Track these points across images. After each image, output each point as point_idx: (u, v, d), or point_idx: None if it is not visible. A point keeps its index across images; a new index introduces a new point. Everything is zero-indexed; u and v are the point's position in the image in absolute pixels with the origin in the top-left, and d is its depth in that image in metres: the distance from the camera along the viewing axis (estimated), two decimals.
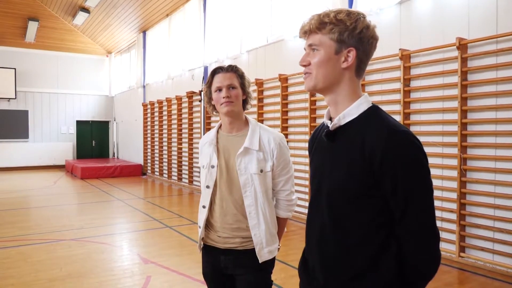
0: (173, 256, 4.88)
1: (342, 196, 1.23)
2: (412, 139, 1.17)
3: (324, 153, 1.34)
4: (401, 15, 5.11)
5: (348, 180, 1.21)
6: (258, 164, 1.96)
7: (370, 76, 5.52)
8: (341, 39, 1.22)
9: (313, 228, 1.35)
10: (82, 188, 10.95)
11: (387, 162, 1.15)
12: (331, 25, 1.22)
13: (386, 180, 1.16)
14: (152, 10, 11.68)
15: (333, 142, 1.28)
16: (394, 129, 1.18)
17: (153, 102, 12.79)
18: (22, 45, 15.32)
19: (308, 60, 1.27)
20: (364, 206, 1.21)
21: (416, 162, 1.17)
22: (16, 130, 15.44)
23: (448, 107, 4.59)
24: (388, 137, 1.16)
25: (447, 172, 4.63)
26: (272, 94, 7.38)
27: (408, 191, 1.15)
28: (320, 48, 1.25)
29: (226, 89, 1.97)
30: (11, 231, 6.09)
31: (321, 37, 1.24)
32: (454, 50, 4.48)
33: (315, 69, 1.26)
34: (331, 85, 1.27)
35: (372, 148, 1.16)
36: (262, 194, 1.97)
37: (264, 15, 7.78)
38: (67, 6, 13.88)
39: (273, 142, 2.00)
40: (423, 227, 1.17)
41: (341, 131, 1.27)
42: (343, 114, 1.26)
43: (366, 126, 1.21)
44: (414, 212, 1.16)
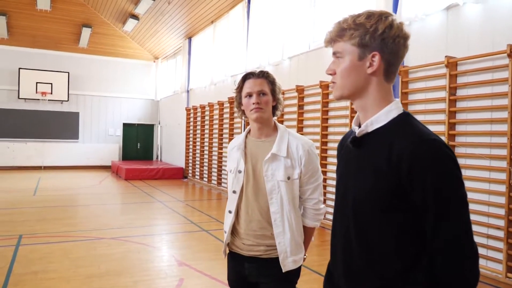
0: (207, 260, 4.90)
1: (368, 207, 1.17)
2: (443, 148, 1.09)
3: (349, 161, 1.28)
4: (448, 21, 4.91)
5: (374, 190, 1.15)
6: (285, 171, 1.93)
7: (414, 84, 5.33)
8: (362, 43, 1.17)
9: (338, 239, 1.30)
10: (125, 189, 11.29)
11: (416, 172, 1.07)
12: (351, 31, 1.18)
13: (415, 192, 1.08)
14: (198, 17, 11.93)
15: (359, 149, 1.23)
16: (424, 137, 1.10)
17: (196, 107, 13.03)
18: (76, 50, 16.10)
19: (333, 69, 1.24)
20: (392, 219, 1.13)
21: (447, 172, 1.08)
22: (67, 131, 16.20)
23: (497, 117, 4.34)
24: (417, 145, 1.09)
25: (495, 186, 4.38)
26: (313, 101, 7.30)
27: (439, 204, 1.07)
28: (343, 56, 1.21)
29: (256, 95, 1.96)
30: (56, 227, 6.37)
31: (343, 44, 1.21)
32: (504, 57, 4.24)
33: (339, 77, 1.22)
34: (358, 93, 1.22)
35: (399, 156, 1.10)
36: (288, 201, 1.92)
37: (306, 22, 7.73)
38: (118, 13, 14.46)
39: (302, 149, 1.95)
40: (456, 244, 1.07)
41: (368, 138, 1.21)
42: (370, 121, 1.20)
43: (394, 134, 1.15)
44: (447, 227, 1.07)
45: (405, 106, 5.37)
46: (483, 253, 4.43)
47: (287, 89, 7.95)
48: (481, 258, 4.42)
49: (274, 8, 8.55)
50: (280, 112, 2.09)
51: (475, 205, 4.54)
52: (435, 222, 1.08)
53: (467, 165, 4.65)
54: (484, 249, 4.42)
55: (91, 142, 16.64)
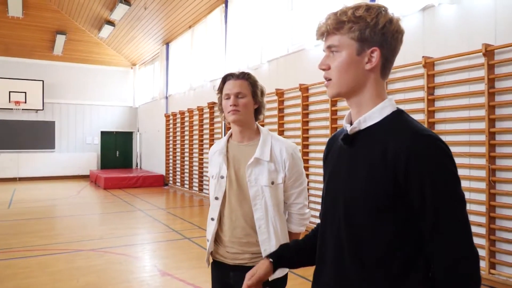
0: (191, 268, 4.80)
1: (362, 207, 1.10)
2: (440, 143, 1.05)
3: (341, 159, 1.21)
4: (424, 22, 4.96)
5: (368, 189, 1.08)
6: (269, 176, 1.86)
7: (393, 84, 5.36)
8: (362, 37, 1.10)
9: (327, 244, 1.22)
10: (104, 198, 11.05)
11: (413, 168, 1.02)
12: (350, 24, 1.11)
13: (412, 189, 1.03)
14: (175, 22, 11.82)
15: (351, 147, 1.17)
16: (420, 132, 1.05)
17: (175, 113, 12.89)
18: (50, 58, 15.75)
19: (328, 64, 1.15)
20: (387, 219, 1.07)
21: (446, 169, 1.03)
22: (43, 141, 15.80)
23: (475, 115, 4.39)
24: (414, 140, 1.04)
25: (475, 184, 4.42)
26: (292, 104, 7.28)
27: (438, 202, 1.02)
28: (340, 50, 1.13)
29: (234, 97, 1.89)
30: (33, 240, 6.15)
31: (340, 37, 1.12)
32: (480, 56, 4.30)
33: (336, 73, 1.14)
34: (355, 90, 1.15)
35: (395, 153, 1.04)
36: (273, 207, 1.86)
37: (284, 25, 7.73)
38: (93, 20, 14.21)
39: (286, 153, 1.89)
40: (456, 244, 1.01)
41: (360, 135, 1.15)
42: (363, 118, 1.14)
43: (389, 131, 1.10)
44: (447, 227, 1.01)
45: None
46: None
47: (267, 93, 7.88)
48: None
49: (252, 12, 8.53)
50: (263, 116, 2.02)
51: None
52: (435, 222, 1.02)
53: None
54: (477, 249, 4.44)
55: (68, 152, 16.27)
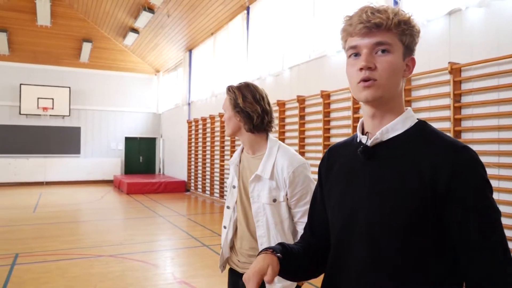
0: (207, 277, 4.73)
1: (390, 228, 1.00)
2: (477, 156, 0.98)
3: (356, 174, 1.10)
4: (450, 27, 4.79)
5: (399, 208, 0.98)
6: (270, 194, 1.77)
7: (417, 91, 5.19)
8: (409, 44, 1.05)
9: (345, 268, 1.09)
10: (126, 203, 11.15)
11: (457, 184, 0.94)
12: (406, 26, 1.03)
13: (454, 207, 0.94)
14: (198, 29, 11.89)
15: (371, 160, 1.06)
16: (458, 144, 0.98)
17: (197, 120, 12.93)
18: (77, 65, 16.10)
19: (374, 63, 1.03)
20: (419, 241, 0.98)
21: (488, 185, 0.97)
22: (69, 146, 16.13)
23: (505, 124, 4.19)
24: (454, 154, 0.96)
25: (504, 196, 4.21)
26: (314, 111, 7.17)
27: (484, 222, 0.93)
28: (393, 51, 1.03)
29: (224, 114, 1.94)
30: (54, 244, 6.22)
31: (394, 37, 1.03)
32: (510, 62, 4.10)
33: (386, 75, 1.02)
34: (393, 96, 1.07)
35: (433, 166, 0.96)
36: (275, 225, 1.77)
37: (306, 31, 7.64)
38: (118, 27, 14.47)
39: (286, 170, 1.76)
40: (505, 267, 0.93)
41: (382, 148, 1.05)
42: (386, 128, 1.05)
43: (418, 143, 1.01)
44: (492, 248, 0.93)
45: None
46: None
47: (288, 100, 7.84)
48: None
49: (274, 18, 8.48)
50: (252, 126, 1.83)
51: None
52: (481, 243, 0.93)
53: None
54: None
55: (93, 157, 16.55)
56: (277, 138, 1.92)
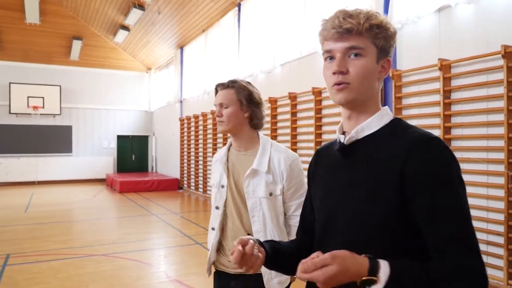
0: (200, 275, 4.74)
1: (366, 222, 1.02)
2: (449, 148, 0.99)
3: (336, 173, 1.13)
4: (440, 23, 4.81)
5: (374, 201, 1.01)
6: (267, 187, 1.81)
7: (407, 88, 5.22)
8: (383, 46, 1.06)
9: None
10: (119, 202, 11.11)
11: (424, 175, 0.96)
12: (379, 29, 1.05)
13: (422, 198, 0.96)
14: (189, 26, 11.84)
15: (348, 158, 1.09)
16: (429, 136, 1.00)
17: (190, 117, 12.91)
18: (67, 63, 15.96)
19: (347, 67, 1.05)
20: (392, 232, 1.00)
21: (457, 175, 0.98)
22: (60, 145, 16.02)
23: (493, 120, 4.23)
24: (423, 145, 0.98)
25: (493, 191, 4.25)
26: (305, 108, 7.19)
27: (449, 211, 0.95)
28: (365, 54, 1.05)
29: (218, 108, 1.88)
30: (46, 244, 6.19)
31: (366, 40, 1.05)
32: (499, 58, 4.14)
33: (358, 79, 1.05)
34: (367, 98, 1.09)
35: (403, 160, 0.98)
36: (271, 219, 1.80)
37: (297, 28, 7.64)
38: (108, 25, 14.36)
39: (283, 163, 1.83)
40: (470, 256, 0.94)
41: (358, 145, 1.08)
42: (361, 127, 1.08)
43: (393, 139, 1.04)
44: (458, 237, 0.94)
45: (399, 111, 5.26)
46: (484, 260, 4.29)
47: (280, 97, 7.84)
48: None
49: (265, 15, 8.46)
50: (259, 121, 1.92)
51: (474, 211, 4.41)
52: (447, 233, 0.95)
53: (464, 170, 4.52)
54: (484, 255, 4.29)
55: (85, 155, 16.45)
56: (268, 135, 1.93)
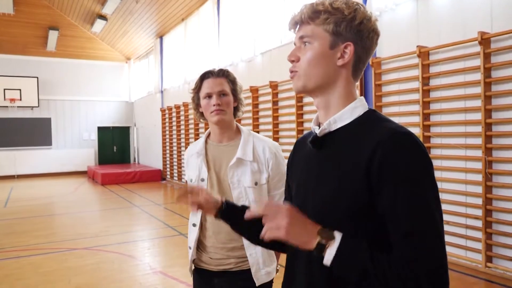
0: (184, 266, 4.73)
1: (331, 216, 1.00)
2: (419, 142, 0.96)
3: (309, 165, 1.12)
4: (418, 10, 4.84)
5: (339, 196, 0.99)
6: (253, 176, 1.79)
7: (387, 75, 5.26)
8: (337, 31, 1.03)
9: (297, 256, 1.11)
10: (101, 195, 10.99)
11: (388, 169, 0.92)
12: (326, 14, 1.03)
13: (386, 193, 0.93)
14: (168, 15, 11.66)
15: (321, 150, 1.08)
16: (397, 130, 0.96)
17: (171, 107, 12.78)
18: (44, 54, 15.58)
19: (298, 56, 1.07)
20: (358, 229, 0.97)
21: (424, 170, 0.94)
22: (39, 138, 15.70)
23: (471, 106, 4.30)
24: (389, 140, 0.94)
25: (471, 176, 4.34)
26: (287, 96, 7.18)
27: (414, 207, 0.91)
28: (313, 41, 1.05)
29: (216, 96, 1.81)
30: (26, 240, 6.09)
31: (314, 28, 1.04)
32: (476, 45, 4.19)
33: (305, 66, 1.05)
34: (324, 86, 1.06)
35: (369, 154, 0.95)
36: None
37: (277, 16, 7.59)
38: (85, 14, 14.03)
39: (269, 152, 1.83)
40: (431, 256, 0.90)
41: (330, 138, 1.06)
42: (333, 119, 1.06)
43: (362, 132, 1.01)
44: (421, 235, 0.90)
45: (378, 98, 5.30)
46: (463, 244, 4.39)
47: (261, 86, 7.81)
48: (461, 248, 4.40)
49: (245, 3, 8.38)
50: (241, 113, 1.94)
51: (453, 196, 4.50)
52: (408, 230, 0.91)
53: (443, 155, 4.60)
54: (463, 239, 4.39)
55: (65, 148, 16.17)
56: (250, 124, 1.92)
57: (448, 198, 4.50)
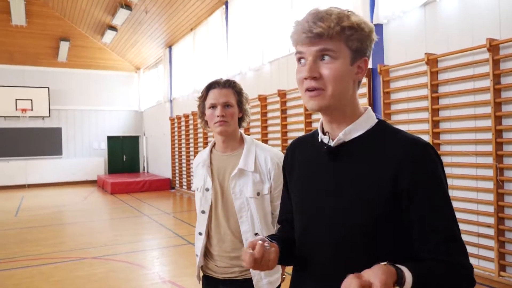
0: (193, 275, 4.71)
1: (353, 229, 1.01)
2: (436, 152, 1.03)
3: (321, 174, 1.11)
4: (425, 18, 4.83)
5: (362, 205, 1.00)
6: (254, 187, 1.79)
7: (395, 83, 5.24)
8: (358, 48, 1.02)
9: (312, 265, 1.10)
10: (110, 204, 11.04)
11: (419, 180, 0.97)
12: (351, 31, 1.00)
13: (415, 204, 0.97)
14: (177, 25, 11.77)
15: (335, 161, 1.08)
16: (419, 141, 1.01)
17: (180, 116, 12.85)
18: (55, 65, 15.79)
19: (320, 72, 1.01)
20: (378, 236, 0.99)
21: (445, 179, 1.01)
22: (50, 147, 15.86)
23: (481, 113, 4.26)
24: (416, 151, 0.99)
25: (482, 183, 4.29)
26: (295, 105, 7.18)
27: (444, 214, 0.98)
28: (337, 57, 1.01)
29: (221, 108, 1.82)
30: (37, 248, 6.13)
31: (339, 44, 1.00)
32: (484, 52, 4.16)
33: (331, 83, 1.01)
34: (343, 101, 1.05)
35: (395, 166, 0.98)
36: (259, 219, 1.79)
37: (285, 25, 7.62)
38: (96, 25, 14.23)
39: (270, 162, 1.83)
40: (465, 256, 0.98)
41: (345, 148, 1.07)
42: (349, 129, 1.06)
43: (379, 143, 1.03)
44: (454, 238, 0.97)
45: (387, 106, 5.28)
46: (475, 252, 4.33)
47: (269, 94, 7.83)
48: (473, 257, 4.33)
49: (252, 12, 8.44)
50: (246, 124, 1.96)
51: (464, 203, 4.44)
52: (439, 241, 0.97)
53: (453, 163, 4.55)
54: (475, 248, 4.32)
55: (76, 157, 16.31)
56: (258, 133, 1.93)
57: (459, 206, 4.45)
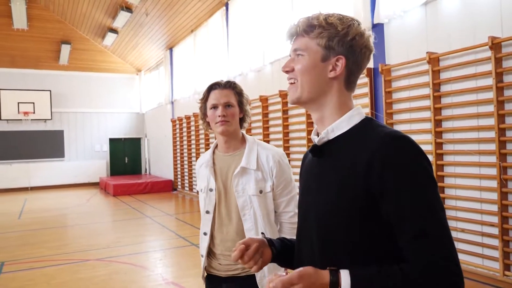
0: (196, 277, 4.72)
1: (332, 222, 1.03)
2: (415, 144, 0.98)
3: (311, 173, 1.16)
4: (427, 16, 4.82)
5: (339, 202, 1.01)
6: (257, 185, 1.81)
7: (397, 82, 5.23)
8: (329, 45, 1.07)
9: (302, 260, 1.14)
10: (113, 206, 11.05)
11: (388, 173, 0.95)
12: (320, 29, 1.08)
13: (389, 197, 0.95)
14: (177, 27, 11.79)
15: (320, 158, 1.11)
16: (393, 134, 0.99)
17: (181, 118, 12.86)
18: (56, 68, 15.83)
19: (292, 66, 1.12)
20: (359, 233, 0.99)
21: (425, 172, 0.96)
22: (52, 150, 15.89)
23: (483, 111, 4.24)
24: (388, 144, 0.97)
25: (486, 182, 4.27)
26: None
27: (415, 209, 0.93)
28: (305, 54, 1.10)
29: (222, 108, 1.84)
30: (40, 251, 6.13)
31: (308, 41, 1.10)
32: (486, 50, 4.15)
33: (299, 76, 1.10)
34: (317, 97, 1.10)
35: (368, 160, 0.97)
36: (262, 217, 1.81)
37: (285, 25, 7.61)
38: (97, 28, 14.27)
39: (272, 160, 1.85)
40: (436, 244, 0.92)
41: (329, 146, 1.09)
42: (331, 127, 1.09)
43: (359, 139, 1.04)
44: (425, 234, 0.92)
45: (389, 105, 5.27)
46: (479, 252, 4.31)
47: (271, 95, 7.83)
48: (477, 257, 4.31)
49: (253, 13, 8.44)
50: (247, 124, 1.98)
51: (467, 203, 4.43)
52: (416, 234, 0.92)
53: (456, 162, 4.54)
54: (479, 247, 4.31)
55: (78, 160, 16.34)
56: (260, 134, 1.93)
57: (463, 205, 4.43)
